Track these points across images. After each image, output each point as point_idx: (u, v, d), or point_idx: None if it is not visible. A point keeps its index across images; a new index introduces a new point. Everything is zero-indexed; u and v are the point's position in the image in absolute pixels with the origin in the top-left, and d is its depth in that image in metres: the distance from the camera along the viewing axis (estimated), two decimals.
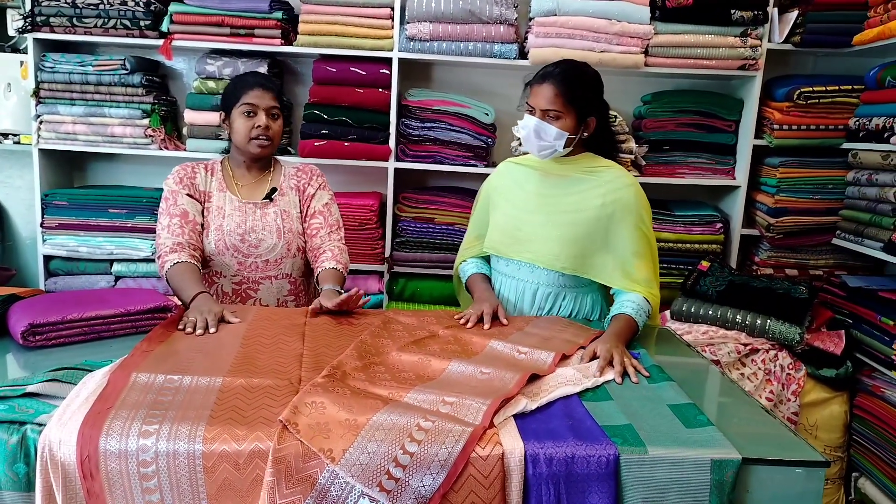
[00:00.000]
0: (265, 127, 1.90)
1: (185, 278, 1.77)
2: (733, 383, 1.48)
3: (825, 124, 2.69)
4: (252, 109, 1.90)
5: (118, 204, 2.81)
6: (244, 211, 1.96)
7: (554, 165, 1.83)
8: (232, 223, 1.93)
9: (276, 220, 1.97)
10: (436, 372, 1.37)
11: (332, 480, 1.06)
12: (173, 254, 1.83)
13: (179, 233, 1.87)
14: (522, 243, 1.80)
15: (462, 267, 2.01)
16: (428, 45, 2.67)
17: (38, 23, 2.67)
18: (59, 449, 1.06)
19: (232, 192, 1.98)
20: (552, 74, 1.72)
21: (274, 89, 1.95)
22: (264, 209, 1.97)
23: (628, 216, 1.74)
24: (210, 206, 1.96)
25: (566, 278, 1.80)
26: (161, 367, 1.29)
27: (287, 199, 2.01)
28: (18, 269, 3.05)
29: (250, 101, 1.90)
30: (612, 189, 1.75)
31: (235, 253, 1.93)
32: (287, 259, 1.98)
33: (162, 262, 1.83)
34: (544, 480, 1.07)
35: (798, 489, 1.11)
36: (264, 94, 1.91)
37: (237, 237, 1.93)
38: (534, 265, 1.80)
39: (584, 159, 1.82)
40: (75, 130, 2.78)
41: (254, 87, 1.92)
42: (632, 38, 2.64)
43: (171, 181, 1.94)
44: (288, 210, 1.99)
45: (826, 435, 2.40)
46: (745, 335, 2.36)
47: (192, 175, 1.97)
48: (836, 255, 2.83)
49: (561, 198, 1.79)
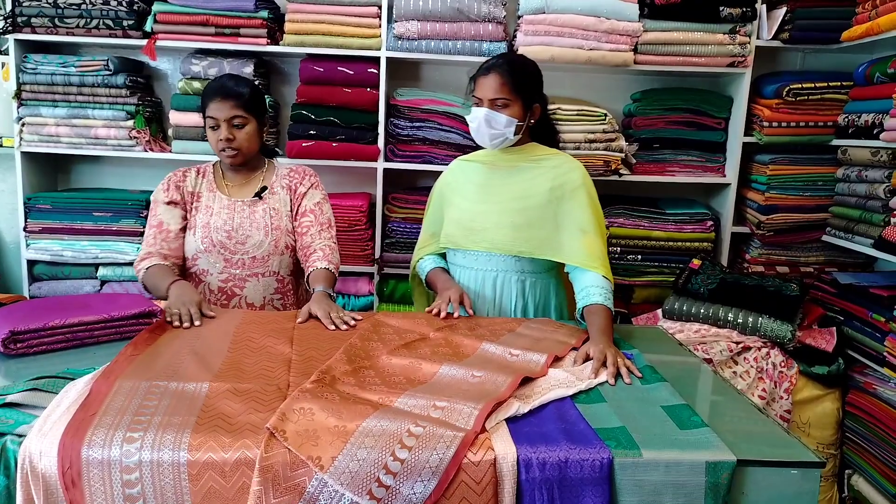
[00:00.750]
0: (227, 139, 1.88)
1: (157, 276, 1.85)
2: (726, 382, 1.47)
3: (814, 121, 2.69)
4: (214, 123, 1.89)
5: (103, 207, 2.77)
6: (232, 208, 1.96)
7: (501, 157, 1.89)
8: (219, 220, 1.94)
9: (264, 217, 1.96)
10: (427, 376, 1.35)
11: (320, 489, 1.04)
12: (144, 261, 1.91)
13: (152, 243, 1.93)
14: (478, 233, 1.85)
15: (419, 265, 2.03)
16: (416, 43, 2.65)
17: (19, 23, 2.63)
18: (40, 460, 1.03)
19: (221, 191, 1.99)
20: (497, 65, 1.80)
21: (236, 96, 1.88)
22: (253, 206, 1.97)
23: (577, 195, 1.81)
24: (199, 205, 1.97)
25: (523, 262, 1.85)
26: (146, 373, 1.27)
27: (277, 197, 2.00)
28: (2, 275, 3.01)
29: (211, 113, 1.88)
30: (560, 173, 1.83)
31: (222, 250, 1.93)
32: (274, 256, 1.97)
33: (137, 271, 1.93)
34: (537, 485, 1.05)
35: (794, 490, 1.10)
36: (223, 105, 1.86)
37: (223, 234, 1.93)
38: (491, 253, 1.85)
39: (530, 149, 1.90)
40: (58, 133, 2.74)
41: (214, 96, 1.88)
42: (621, 36, 2.63)
43: (157, 190, 1.98)
44: (277, 208, 1.99)
45: (819, 432, 2.40)
46: (736, 333, 2.36)
47: (180, 179, 1.99)
48: (827, 252, 2.83)
49: (510, 186, 1.85)
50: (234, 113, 1.88)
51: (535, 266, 1.87)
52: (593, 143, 2.71)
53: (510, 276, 1.86)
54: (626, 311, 2.82)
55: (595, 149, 2.72)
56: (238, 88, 1.90)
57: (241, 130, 1.90)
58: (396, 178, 2.90)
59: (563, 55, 2.63)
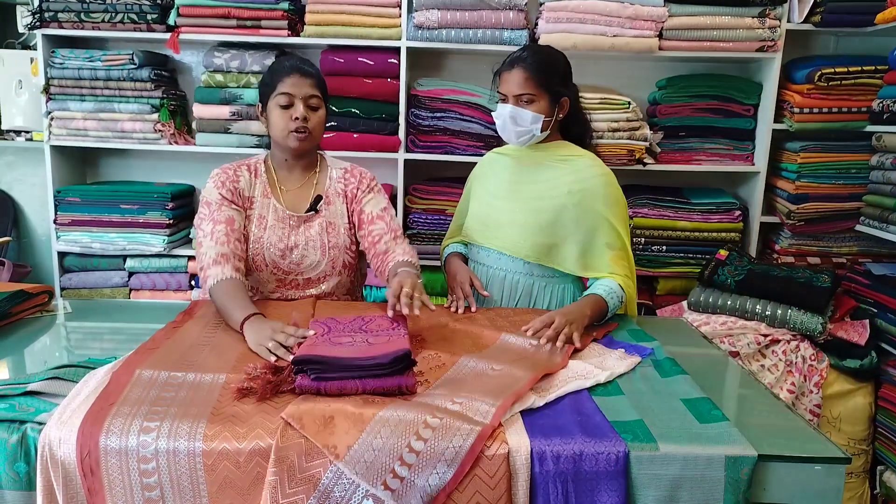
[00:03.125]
0: (303, 118, 1.70)
1: (231, 297, 1.55)
2: (750, 375, 1.44)
3: (847, 107, 2.61)
4: (289, 100, 1.70)
5: (130, 200, 2.81)
6: (286, 222, 1.77)
7: (529, 153, 1.84)
8: (273, 236, 1.75)
9: (320, 234, 1.78)
10: (446, 366, 1.34)
11: (335, 481, 1.04)
12: (216, 267, 1.62)
13: (224, 241, 1.66)
14: (492, 230, 1.83)
15: (444, 252, 2.03)
16: (436, 33, 2.62)
17: (46, 18, 2.67)
18: (59, 448, 1.05)
19: (276, 199, 1.79)
20: (520, 59, 1.73)
21: (314, 75, 1.74)
22: (308, 222, 1.78)
23: (596, 205, 1.74)
24: (252, 213, 1.76)
25: (532, 266, 1.80)
26: (165, 364, 1.28)
27: (333, 208, 1.82)
28: (34, 266, 3.08)
29: (286, 90, 1.70)
30: (582, 178, 1.76)
31: (275, 270, 1.76)
32: (331, 277, 1.81)
33: (205, 275, 1.63)
34: (551, 478, 1.04)
35: (817, 486, 1.07)
36: (302, 82, 1.70)
37: (277, 253, 1.75)
38: (501, 252, 1.82)
39: (559, 147, 1.82)
40: (86, 126, 2.79)
41: (291, 73, 1.71)
42: (645, 22, 2.57)
43: (213, 185, 1.74)
44: (334, 222, 1.81)
45: (850, 427, 2.34)
46: (764, 326, 2.31)
47: (234, 179, 1.75)
48: (860, 242, 2.75)
49: (530, 185, 1.80)
50: (312, 92, 1.72)
51: (545, 270, 1.80)
52: (616, 133, 2.67)
53: (518, 278, 1.81)
54: (650, 303, 2.78)
55: (618, 138, 2.67)
56: (313, 70, 1.75)
57: (315, 113, 1.73)
58: (417, 169, 2.89)
59: (586, 42, 2.59)
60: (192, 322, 1.57)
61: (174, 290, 2.86)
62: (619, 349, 1.47)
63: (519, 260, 1.79)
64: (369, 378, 1.18)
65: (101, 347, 1.58)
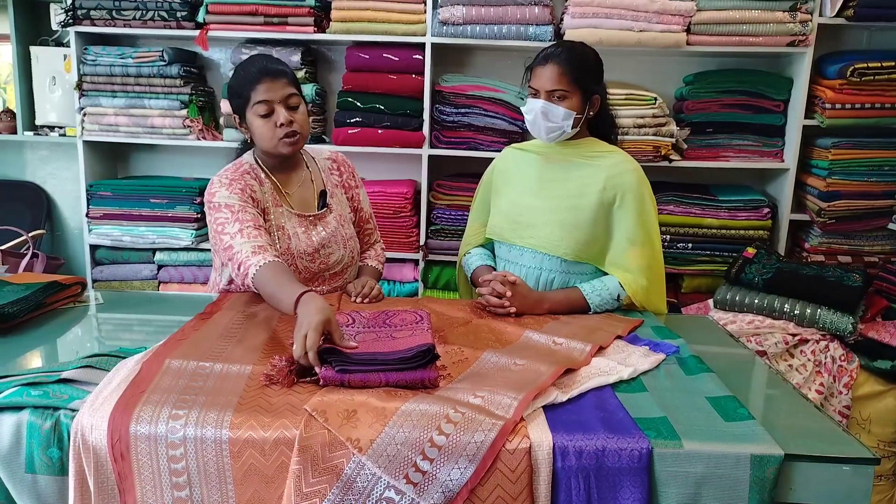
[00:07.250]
0: (288, 122, 1.63)
1: (279, 279, 1.45)
2: (778, 375, 1.42)
3: (881, 102, 2.55)
4: (268, 108, 1.62)
5: (159, 194, 2.86)
6: (305, 225, 1.75)
7: (557, 150, 1.82)
8: (300, 244, 1.72)
9: (337, 229, 1.80)
10: (469, 360, 1.34)
11: (358, 471, 1.05)
12: (256, 256, 1.51)
13: (256, 234, 1.58)
14: (525, 228, 1.80)
15: (466, 259, 1.99)
16: (461, 28, 2.62)
17: (79, 16, 2.74)
18: (91, 434, 1.07)
19: (287, 205, 1.74)
20: (555, 54, 1.71)
21: (285, 72, 1.65)
22: (323, 220, 1.78)
23: (628, 201, 1.73)
24: (268, 225, 1.70)
25: (568, 264, 1.78)
26: (194, 354, 1.30)
27: (337, 200, 1.85)
28: (67, 259, 3.15)
29: (262, 97, 1.61)
30: (614, 174, 1.75)
31: (305, 272, 1.74)
32: (352, 267, 1.87)
33: (245, 269, 1.52)
34: (573, 474, 1.04)
35: (845, 487, 1.05)
36: (276, 84, 1.62)
37: (307, 258, 1.74)
38: (536, 251, 1.79)
39: (588, 144, 1.81)
40: (117, 122, 2.84)
41: (261, 78, 1.61)
42: (673, 16, 2.54)
43: (229, 191, 1.64)
44: (342, 214, 1.85)
45: (880, 429, 2.29)
46: (793, 325, 2.27)
47: (250, 186, 1.68)
48: (893, 241, 2.70)
49: (562, 182, 1.78)
50: (289, 91, 1.64)
51: (581, 267, 1.78)
52: (642, 129, 2.64)
53: (554, 276, 1.79)
54: (675, 301, 2.75)
55: (644, 134, 2.64)
56: (281, 66, 1.67)
57: (297, 112, 1.66)
58: (441, 164, 2.90)
59: (612, 38, 2.56)
60: (220, 314, 1.59)
61: (202, 283, 2.91)
62: (644, 346, 1.46)
63: (555, 258, 1.77)
64: (392, 371, 1.19)
65: (131, 338, 1.61)
